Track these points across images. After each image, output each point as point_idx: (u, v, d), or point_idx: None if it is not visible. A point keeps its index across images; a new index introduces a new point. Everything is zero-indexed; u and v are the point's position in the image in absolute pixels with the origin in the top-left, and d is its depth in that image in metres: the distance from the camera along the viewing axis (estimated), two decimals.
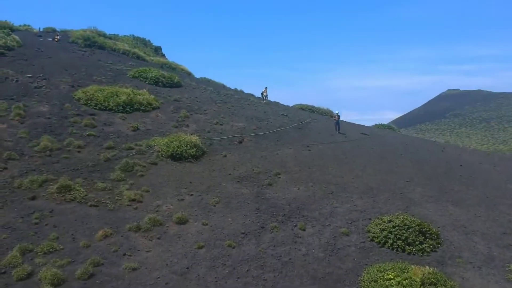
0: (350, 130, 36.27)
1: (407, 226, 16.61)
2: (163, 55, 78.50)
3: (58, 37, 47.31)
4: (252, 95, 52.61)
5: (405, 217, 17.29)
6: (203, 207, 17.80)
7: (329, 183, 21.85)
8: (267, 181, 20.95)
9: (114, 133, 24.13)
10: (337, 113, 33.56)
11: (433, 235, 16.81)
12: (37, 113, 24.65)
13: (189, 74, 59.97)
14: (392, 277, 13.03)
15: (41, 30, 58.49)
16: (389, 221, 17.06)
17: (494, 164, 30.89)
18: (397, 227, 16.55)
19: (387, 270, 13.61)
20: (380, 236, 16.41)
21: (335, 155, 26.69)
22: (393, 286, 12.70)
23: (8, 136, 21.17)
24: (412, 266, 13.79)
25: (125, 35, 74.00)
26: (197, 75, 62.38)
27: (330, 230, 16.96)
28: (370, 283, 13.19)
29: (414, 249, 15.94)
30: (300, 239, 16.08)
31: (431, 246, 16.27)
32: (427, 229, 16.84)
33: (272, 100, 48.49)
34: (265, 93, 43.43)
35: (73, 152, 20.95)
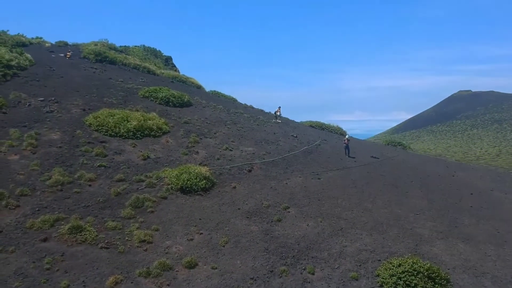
0: (360, 152, 36.15)
1: (416, 272, 16.53)
2: (174, 66, 79.08)
3: (69, 54, 47.84)
4: (262, 111, 52.77)
5: (414, 261, 17.22)
6: (212, 248, 17.89)
7: (339, 217, 21.83)
8: (276, 217, 20.98)
9: (125, 163, 24.31)
10: (347, 137, 33.59)
11: (443, 280, 16.70)
12: (49, 141, 24.92)
13: (199, 87, 60.31)
14: None
15: (54, 43, 59.22)
16: (399, 265, 16.99)
17: (506, 192, 30.58)
18: (406, 273, 16.47)
19: None
20: (389, 282, 16.34)
21: (344, 184, 26.65)
22: None
23: (21, 168, 21.44)
24: None
25: (135, 46, 74.59)
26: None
27: (339, 273, 16.94)
28: None
29: None
30: (309, 285, 16.08)
31: None
32: (437, 274, 16.74)
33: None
34: (278, 112, 43.76)
35: (84, 186, 21.16)
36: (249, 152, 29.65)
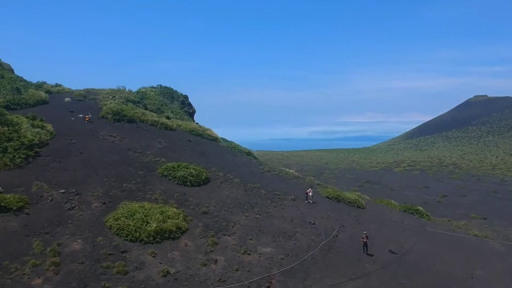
0: (378, 243, 35.87)
1: None
2: (190, 105, 79.92)
3: (88, 117, 48.35)
4: (278, 174, 52.84)
5: None
6: None
7: None
8: None
9: (145, 283, 24.40)
10: (365, 233, 33.47)
11: None
12: (71, 255, 25.12)
13: (216, 139, 60.77)
14: None
15: (73, 92, 60.15)
16: None
17: None
18: None
19: None
20: None
21: None
22: None
23: None
24: None
25: (152, 88, 75.61)
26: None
27: None
28: None
29: None
30: None
31: None
32: None
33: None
34: (310, 193, 43.91)
35: None
36: (267, 256, 29.57)
